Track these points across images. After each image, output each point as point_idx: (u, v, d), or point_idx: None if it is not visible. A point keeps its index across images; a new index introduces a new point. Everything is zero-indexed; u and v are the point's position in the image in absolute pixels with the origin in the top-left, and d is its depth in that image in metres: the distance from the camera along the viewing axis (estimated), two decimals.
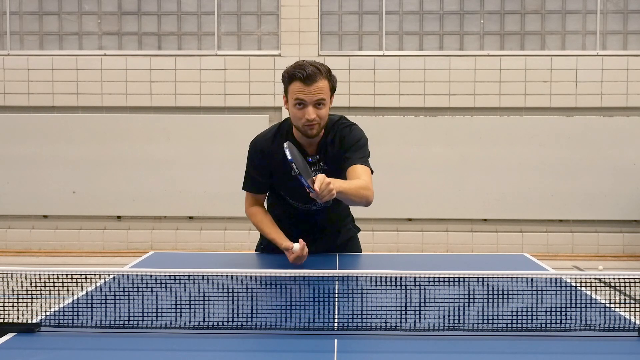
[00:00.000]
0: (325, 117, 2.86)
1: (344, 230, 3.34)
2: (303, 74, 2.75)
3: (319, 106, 2.79)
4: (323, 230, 3.24)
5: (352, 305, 2.14)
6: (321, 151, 2.97)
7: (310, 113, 2.78)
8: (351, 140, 2.94)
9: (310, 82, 2.75)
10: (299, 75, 2.75)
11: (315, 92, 2.76)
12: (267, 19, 8.29)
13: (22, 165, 8.31)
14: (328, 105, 2.85)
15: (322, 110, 2.81)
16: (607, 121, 8.12)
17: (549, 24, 8.24)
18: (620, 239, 8.23)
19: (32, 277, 2.16)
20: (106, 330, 2.04)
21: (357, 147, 2.94)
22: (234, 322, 2.05)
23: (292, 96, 2.80)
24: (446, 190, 8.18)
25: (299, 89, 2.76)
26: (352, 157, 2.91)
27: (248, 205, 3.17)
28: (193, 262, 3.38)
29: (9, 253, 8.27)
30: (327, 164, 2.96)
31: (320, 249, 3.23)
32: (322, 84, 2.78)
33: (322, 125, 2.86)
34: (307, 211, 3.13)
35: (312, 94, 2.76)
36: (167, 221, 8.38)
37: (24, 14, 8.43)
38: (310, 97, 2.76)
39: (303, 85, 2.75)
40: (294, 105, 2.80)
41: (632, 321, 2.09)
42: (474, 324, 2.03)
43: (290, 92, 2.80)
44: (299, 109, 2.79)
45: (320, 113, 2.80)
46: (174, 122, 8.24)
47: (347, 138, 2.94)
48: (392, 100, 8.17)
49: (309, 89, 2.75)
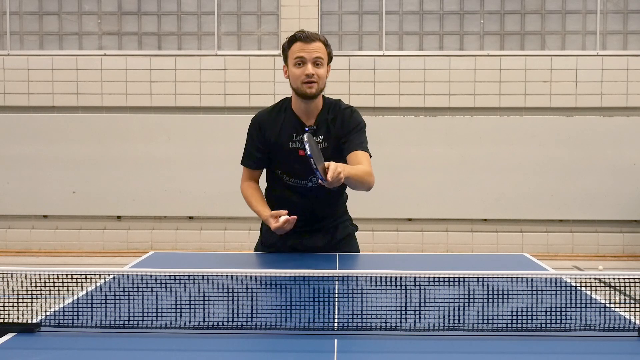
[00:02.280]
0: (323, 78, 3.00)
1: (342, 226, 3.33)
2: (303, 35, 2.98)
3: (317, 65, 2.97)
4: (321, 221, 3.22)
5: (352, 305, 2.14)
6: (321, 126, 3.07)
7: (309, 69, 2.94)
8: (353, 123, 3.06)
9: (310, 41, 2.96)
10: (299, 35, 2.98)
11: (313, 50, 2.96)
12: (267, 19, 8.29)
13: (22, 165, 8.31)
14: (325, 67, 3.01)
15: (320, 69, 2.97)
16: (607, 121, 8.12)
17: (549, 24, 8.24)
18: (620, 239, 8.23)
19: (32, 277, 2.16)
20: (106, 330, 2.04)
21: (357, 130, 3.06)
22: (234, 322, 2.05)
23: (292, 57, 2.98)
24: (446, 190, 8.17)
25: (299, 48, 2.96)
26: (354, 142, 3.03)
27: (243, 180, 3.27)
28: (193, 262, 3.38)
29: (9, 253, 8.27)
30: (327, 141, 3.05)
31: (318, 243, 3.24)
32: (320, 46, 2.99)
33: (320, 87, 2.99)
34: (303, 190, 3.13)
35: (311, 51, 2.95)
36: (167, 221, 8.39)
37: (24, 14, 8.43)
38: (309, 54, 2.95)
39: (303, 44, 2.96)
40: (294, 65, 2.98)
41: (632, 321, 2.09)
42: (474, 324, 2.03)
43: (291, 54, 3.00)
44: (299, 67, 2.97)
45: (318, 72, 2.96)
46: (174, 122, 8.24)
47: (348, 121, 3.06)
48: (392, 100, 8.17)
49: (308, 47, 2.95)
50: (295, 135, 3.06)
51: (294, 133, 3.07)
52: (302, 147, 2.87)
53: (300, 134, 3.03)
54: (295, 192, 3.15)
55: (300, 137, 3.03)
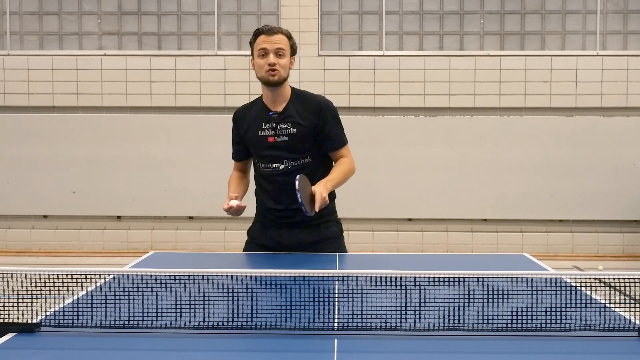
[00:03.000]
0: (286, 68, 3.18)
1: (324, 226, 3.32)
2: (266, 28, 3.18)
3: (279, 56, 3.15)
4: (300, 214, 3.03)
5: (352, 305, 2.14)
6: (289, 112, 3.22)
7: (271, 58, 3.12)
8: (331, 113, 3.26)
9: (272, 33, 3.15)
10: (262, 29, 3.18)
11: (275, 41, 3.15)
12: (267, 19, 8.29)
13: (22, 165, 8.31)
14: (288, 58, 3.19)
15: (282, 59, 3.16)
16: (607, 121, 8.12)
17: (549, 24, 8.24)
18: (620, 239, 8.23)
19: (32, 277, 2.16)
20: (106, 330, 2.04)
21: (336, 121, 3.28)
22: (234, 322, 2.05)
23: (256, 49, 3.17)
24: (446, 190, 8.17)
25: (262, 40, 3.16)
26: (335, 139, 3.26)
27: (232, 170, 3.50)
28: (193, 262, 3.38)
29: (9, 253, 8.27)
30: (295, 127, 3.20)
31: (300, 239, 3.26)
32: (282, 38, 3.17)
33: (282, 75, 3.16)
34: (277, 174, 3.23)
35: (273, 43, 3.14)
36: (167, 221, 8.39)
37: (24, 14, 8.43)
38: (271, 45, 3.14)
39: (266, 37, 3.15)
40: (259, 56, 3.16)
41: (632, 321, 2.09)
42: (474, 324, 2.03)
43: (255, 47, 3.18)
44: (262, 58, 3.15)
45: (280, 61, 3.14)
46: (174, 122, 8.24)
47: (325, 110, 3.25)
48: (392, 100, 8.17)
49: (270, 39, 3.14)
50: (265, 123, 3.24)
51: (263, 121, 3.25)
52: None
53: (268, 121, 3.23)
54: (270, 179, 3.28)
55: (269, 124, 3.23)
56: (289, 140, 3.19)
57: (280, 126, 3.20)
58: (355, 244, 8.21)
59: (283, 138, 3.20)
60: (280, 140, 3.20)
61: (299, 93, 3.28)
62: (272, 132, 3.21)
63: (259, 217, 3.39)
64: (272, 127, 3.21)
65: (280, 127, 3.20)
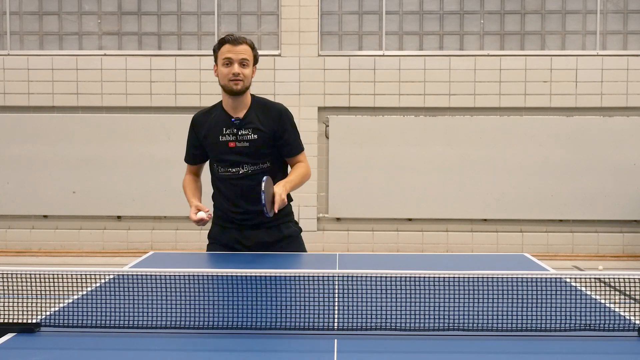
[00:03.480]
0: (249, 78, 3.30)
1: (284, 226, 3.41)
2: (231, 38, 3.26)
3: (243, 66, 3.26)
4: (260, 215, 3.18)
5: (352, 305, 2.14)
6: (249, 119, 3.31)
7: (235, 68, 3.23)
8: (289, 120, 3.38)
9: (237, 43, 3.25)
10: (227, 38, 3.27)
11: (240, 52, 3.25)
12: (267, 19, 8.29)
13: (22, 165, 8.31)
14: (251, 68, 3.30)
15: (246, 69, 3.27)
16: (607, 121, 8.12)
17: (549, 24, 8.24)
18: (620, 239, 8.23)
19: (32, 277, 2.16)
20: (106, 330, 2.04)
21: (293, 128, 3.39)
22: (234, 322, 2.05)
23: (221, 57, 3.27)
24: (446, 190, 8.18)
25: (227, 50, 3.25)
26: (293, 144, 3.38)
27: (185, 174, 3.57)
28: (193, 262, 3.38)
29: (9, 253, 8.27)
30: (256, 133, 3.29)
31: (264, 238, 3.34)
32: (246, 49, 3.28)
33: (245, 84, 3.28)
34: (236, 179, 3.31)
35: (238, 53, 3.24)
36: (167, 221, 8.39)
37: (24, 14, 8.43)
38: (236, 55, 3.24)
39: (231, 46, 3.24)
40: (223, 65, 3.26)
41: (632, 321, 2.09)
42: (474, 324, 2.03)
43: (220, 55, 3.27)
44: (227, 67, 3.25)
45: (243, 71, 3.26)
46: (174, 122, 8.24)
47: (285, 117, 3.36)
48: (392, 100, 8.17)
49: (235, 49, 3.24)
50: (225, 128, 3.32)
51: (224, 127, 3.32)
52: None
53: (229, 127, 3.30)
54: (230, 183, 3.34)
55: (230, 130, 3.30)
56: (250, 146, 3.29)
57: (241, 132, 3.29)
58: (355, 244, 8.21)
59: (244, 144, 3.29)
60: (241, 146, 3.29)
61: (259, 100, 3.39)
62: (233, 137, 3.29)
63: (218, 220, 3.44)
64: (232, 132, 3.29)
65: (241, 133, 3.29)
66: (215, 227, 3.47)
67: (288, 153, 3.40)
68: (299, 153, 3.42)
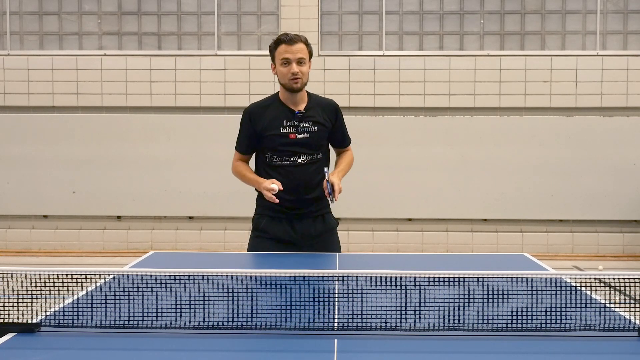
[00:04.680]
0: (307, 74, 3.45)
1: (328, 216, 3.58)
2: (287, 38, 3.41)
3: (301, 64, 3.40)
4: (309, 205, 3.49)
5: (352, 305, 2.14)
6: (309, 112, 3.50)
7: (294, 68, 3.38)
8: (341, 116, 3.64)
9: (293, 43, 3.40)
10: (283, 38, 3.41)
11: (297, 51, 3.39)
12: (267, 19, 8.29)
13: (22, 165, 8.30)
14: (308, 65, 3.45)
15: (304, 67, 3.42)
16: (607, 121, 8.12)
17: (549, 24, 8.24)
18: (620, 239, 8.23)
19: (32, 277, 2.16)
20: (106, 330, 2.04)
21: (343, 123, 3.68)
22: (234, 322, 2.05)
23: (279, 57, 3.42)
24: (446, 190, 8.17)
25: (284, 50, 3.40)
26: (344, 138, 3.70)
27: (234, 161, 3.64)
28: (193, 262, 3.38)
29: (9, 253, 8.27)
30: (315, 125, 3.49)
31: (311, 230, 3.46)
32: (302, 47, 3.42)
33: (304, 81, 3.44)
34: (292, 167, 3.45)
35: (294, 52, 3.39)
36: (167, 221, 8.38)
37: (24, 14, 8.43)
38: (293, 55, 3.39)
39: (287, 46, 3.39)
40: (281, 65, 3.41)
41: (632, 321, 2.09)
42: (474, 324, 2.03)
43: (277, 55, 3.43)
44: (285, 67, 3.40)
45: (302, 69, 3.41)
46: (174, 122, 8.24)
47: (338, 113, 3.62)
48: (392, 100, 8.17)
49: (291, 49, 3.39)
50: (286, 121, 3.47)
51: (285, 119, 3.47)
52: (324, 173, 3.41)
53: (291, 119, 3.46)
54: (283, 171, 3.46)
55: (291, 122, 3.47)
56: (310, 137, 3.48)
57: (302, 124, 3.47)
58: (355, 244, 8.21)
59: (304, 135, 3.47)
60: (301, 137, 3.46)
61: (313, 96, 3.57)
62: (294, 129, 3.46)
63: (267, 211, 3.50)
64: (293, 124, 3.46)
65: (302, 125, 3.47)
66: (264, 217, 3.52)
67: (341, 144, 3.70)
68: (349, 144, 3.74)
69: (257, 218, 3.55)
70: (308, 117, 3.48)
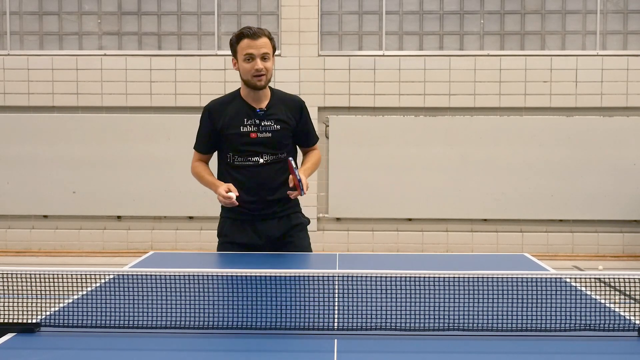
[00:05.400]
0: (270, 70, 3.28)
1: (294, 216, 3.44)
2: (250, 32, 3.24)
3: (265, 59, 3.24)
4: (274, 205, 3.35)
5: (352, 305, 2.14)
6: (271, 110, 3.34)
7: (258, 64, 3.21)
8: (306, 113, 3.45)
9: (256, 37, 3.23)
10: (246, 32, 3.25)
11: (261, 46, 3.22)
12: (267, 19, 8.29)
13: (22, 165, 8.30)
14: (272, 61, 3.28)
15: (268, 63, 3.25)
16: (607, 121, 8.12)
17: (549, 24, 8.24)
18: (620, 239, 8.23)
19: (32, 277, 2.16)
20: (106, 330, 2.04)
21: (310, 119, 3.50)
22: (234, 322, 2.05)
23: (241, 52, 3.26)
24: (446, 190, 8.17)
25: (247, 45, 3.23)
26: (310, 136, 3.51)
27: (193, 162, 3.51)
28: (193, 262, 3.38)
29: (9, 253, 8.27)
30: (278, 124, 3.33)
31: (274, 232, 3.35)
32: (266, 41, 3.25)
33: (268, 77, 3.28)
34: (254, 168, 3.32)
35: (258, 47, 3.22)
36: (167, 221, 8.38)
37: (24, 14, 8.43)
38: (257, 50, 3.22)
39: (250, 41, 3.23)
40: (244, 61, 3.25)
41: (632, 321, 2.09)
42: (474, 324, 2.03)
43: (240, 50, 3.27)
44: (249, 62, 3.24)
45: (266, 65, 3.24)
46: (174, 122, 8.24)
47: (304, 111, 3.44)
48: (392, 100, 8.17)
49: (255, 43, 3.22)
50: (247, 119, 3.32)
51: (246, 117, 3.33)
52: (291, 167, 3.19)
53: (252, 117, 3.32)
54: (245, 172, 3.33)
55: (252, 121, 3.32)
56: (272, 137, 3.32)
57: (264, 123, 3.31)
58: (355, 244, 8.21)
59: (266, 134, 3.31)
60: (262, 137, 3.31)
61: (276, 92, 3.42)
62: (255, 128, 3.31)
63: (229, 213, 3.39)
64: (254, 123, 3.31)
65: (264, 124, 3.31)
66: (226, 221, 3.43)
67: (306, 143, 3.51)
68: (316, 143, 3.56)
69: (221, 222, 3.46)
70: (270, 115, 3.32)
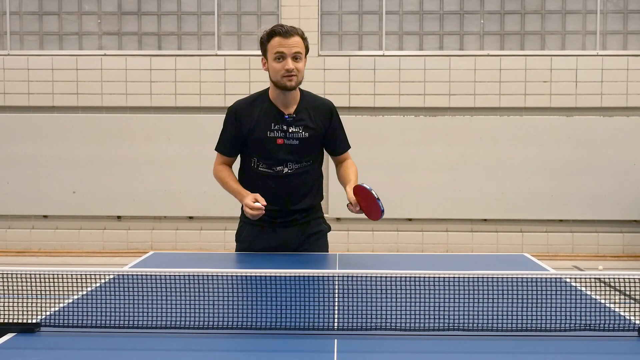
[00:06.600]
0: (302, 71, 3.10)
1: (314, 222, 3.32)
2: (282, 30, 3.06)
3: (296, 59, 3.06)
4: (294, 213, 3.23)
5: (352, 305, 2.14)
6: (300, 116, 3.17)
7: (289, 63, 3.03)
8: (337, 119, 3.29)
9: (288, 36, 3.04)
10: (278, 30, 3.07)
11: (293, 45, 3.04)
12: (267, 19, 8.29)
13: (22, 165, 8.30)
14: (304, 61, 3.10)
15: (299, 63, 3.07)
16: (607, 121, 8.12)
17: (549, 24, 8.24)
18: (620, 239, 8.23)
19: (32, 277, 2.16)
20: (106, 330, 2.04)
21: (341, 126, 3.32)
22: (234, 322, 2.05)
23: (272, 51, 3.08)
24: (446, 190, 8.17)
25: (278, 43, 3.05)
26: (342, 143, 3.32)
27: (216, 164, 3.34)
28: (193, 262, 3.38)
29: (9, 253, 8.27)
30: (306, 131, 3.16)
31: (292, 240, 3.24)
32: (298, 40, 3.07)
33: (299, 79, 3.09)
34: (277, 177, 3.17)
35: (290, 46, 3.04)
36: (167, 221, 8.38)
37: (24, 14, 8.42)
38: (289, 50, 3.04)
39: (282, 39, 3.05)
40: (274, 60, 3.07)
41: (632, 321, 2.09)
42: (474, 324, 2.03)
43: (270, 49, 3.09)
44: (279, 62, 3.06)
45: (297, 65, 3.06)
46: (174, 122, 8.24)
47: (335, 117, 3.27)
48: (392, 100, 8.17)
49: (287, 42, 3.04)
50: (274, 124, 3.15)
51: (273, 122, 3.16)
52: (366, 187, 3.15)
53: (279, 123, 3.14)
54: (269, 181, 3.18)
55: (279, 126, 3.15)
56: (299, 144, 3.15)
57: (292, 129, 3.14)
58: (355, 244, 8.21)
59: (293, 142, 3.15)
60: (289, 143, 3.14)
61: (307, 95, 3.24)
62: (282, 134, 3.14)
63: (247, 219, 3.20)
64: (282, 129, 3.14)
65: (292, 130, 3.14)
66: (245, 226, 3.29)
67: (336, 150, 3.31)
68: (347, 150, 3.34)
69: (240, 226, 3.32)
70: (299, 122, 3.14)
